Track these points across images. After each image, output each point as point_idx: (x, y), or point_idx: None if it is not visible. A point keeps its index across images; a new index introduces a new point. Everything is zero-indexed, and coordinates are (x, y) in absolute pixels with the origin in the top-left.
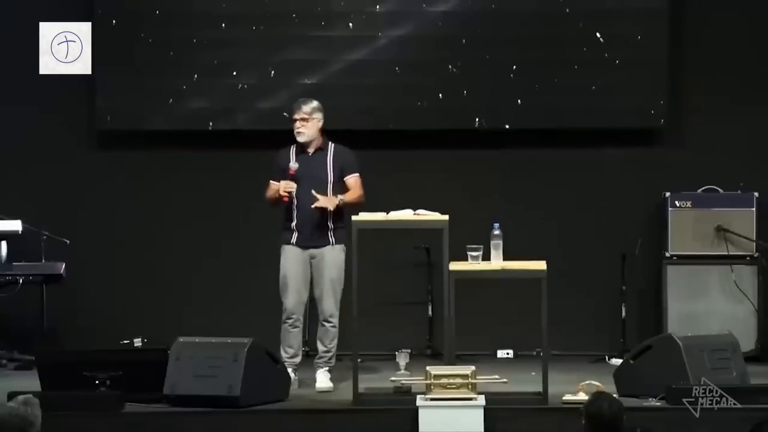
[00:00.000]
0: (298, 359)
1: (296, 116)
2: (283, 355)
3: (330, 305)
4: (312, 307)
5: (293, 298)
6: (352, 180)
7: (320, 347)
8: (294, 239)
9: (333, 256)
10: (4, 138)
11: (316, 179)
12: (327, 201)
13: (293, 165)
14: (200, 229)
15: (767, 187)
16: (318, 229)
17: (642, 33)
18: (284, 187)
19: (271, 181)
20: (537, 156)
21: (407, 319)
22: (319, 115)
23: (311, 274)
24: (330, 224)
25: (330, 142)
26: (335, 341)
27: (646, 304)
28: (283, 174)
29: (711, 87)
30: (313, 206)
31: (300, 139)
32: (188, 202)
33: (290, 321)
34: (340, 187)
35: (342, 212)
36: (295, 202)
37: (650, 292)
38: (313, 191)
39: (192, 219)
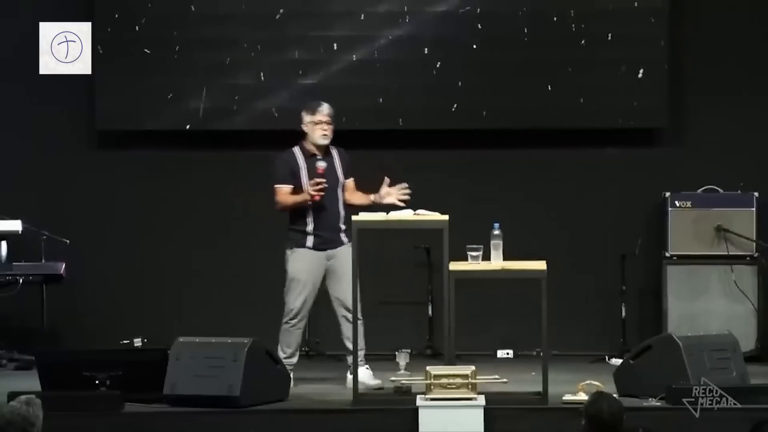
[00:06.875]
0: (294, 359)
1: (321, 118)
2: (281, 355)
3: (357, 302)
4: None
5: (306, 300)
6: (353, 182)
7: (361, 344)
8: (310, 243)
9: (349, 256)
10: (4, 138)
11: (329, 181)
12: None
13: (321, 164)
14: (200, 229)
15: (767, 187)
16: (334, 231)
17: (642, 33)
18: (315, 186)
19: (284, 186)
20: (537, 156)
21: (407, 319)
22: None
23: (326, 275)
24: (342, 225)
25: (330, 145)
26: None
27: (646, 304)
28: (295, 176)
29: (711, 87)
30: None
31: (325, 141)
32: (188, 202)
33: (294, 321)
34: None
35: (348, 213)
36: (311, 206)
37: (650, 292)
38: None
39: (192, 219)
